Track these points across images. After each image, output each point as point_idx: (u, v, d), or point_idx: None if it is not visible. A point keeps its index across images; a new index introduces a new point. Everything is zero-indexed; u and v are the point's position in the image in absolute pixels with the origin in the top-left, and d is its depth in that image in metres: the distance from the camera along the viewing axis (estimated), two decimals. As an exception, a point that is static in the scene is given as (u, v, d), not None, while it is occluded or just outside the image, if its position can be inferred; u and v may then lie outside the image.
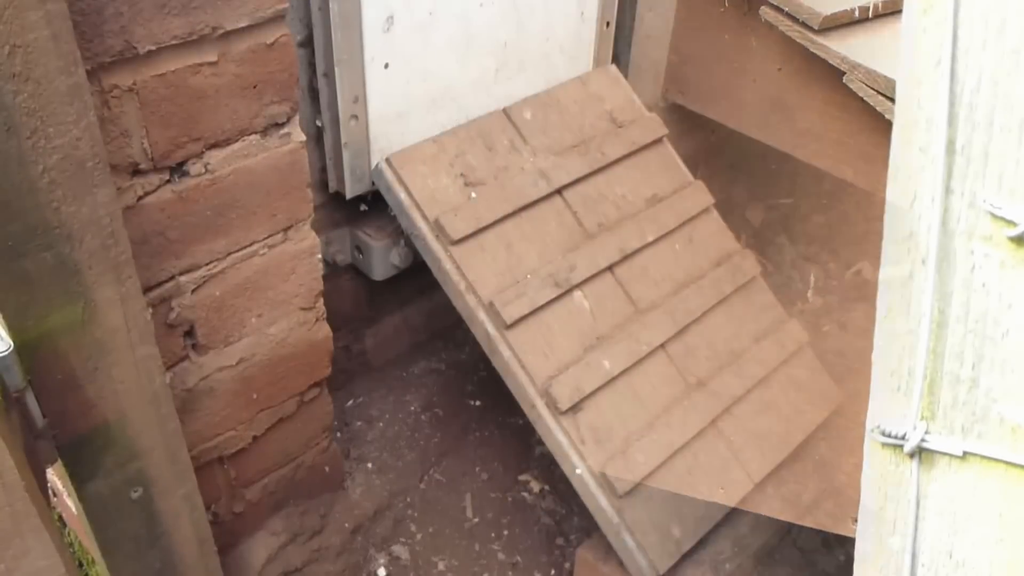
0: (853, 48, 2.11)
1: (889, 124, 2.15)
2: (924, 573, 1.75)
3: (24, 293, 1.01)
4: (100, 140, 1.00)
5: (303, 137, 1.39)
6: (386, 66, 1.70)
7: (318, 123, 1.71)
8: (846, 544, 1.79)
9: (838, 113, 2.15)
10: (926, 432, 1.23)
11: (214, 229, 1.34)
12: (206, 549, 1.44)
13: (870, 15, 2.07)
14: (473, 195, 1.74)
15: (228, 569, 1.63)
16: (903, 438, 1.29)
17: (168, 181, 1.26)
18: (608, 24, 2.11)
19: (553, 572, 1.91)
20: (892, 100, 2.04)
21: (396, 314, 2.16)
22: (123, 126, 1.17)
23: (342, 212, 1.86)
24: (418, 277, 1.96)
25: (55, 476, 1.66)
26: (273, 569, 1.73)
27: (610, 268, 1.81)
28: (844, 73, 2.12)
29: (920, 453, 1.70)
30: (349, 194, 1.77)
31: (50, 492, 1.73)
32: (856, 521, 1.83)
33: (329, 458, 1.80)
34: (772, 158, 2.52)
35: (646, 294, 1.83)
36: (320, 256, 1.52)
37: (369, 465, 1.96)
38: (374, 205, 1.86)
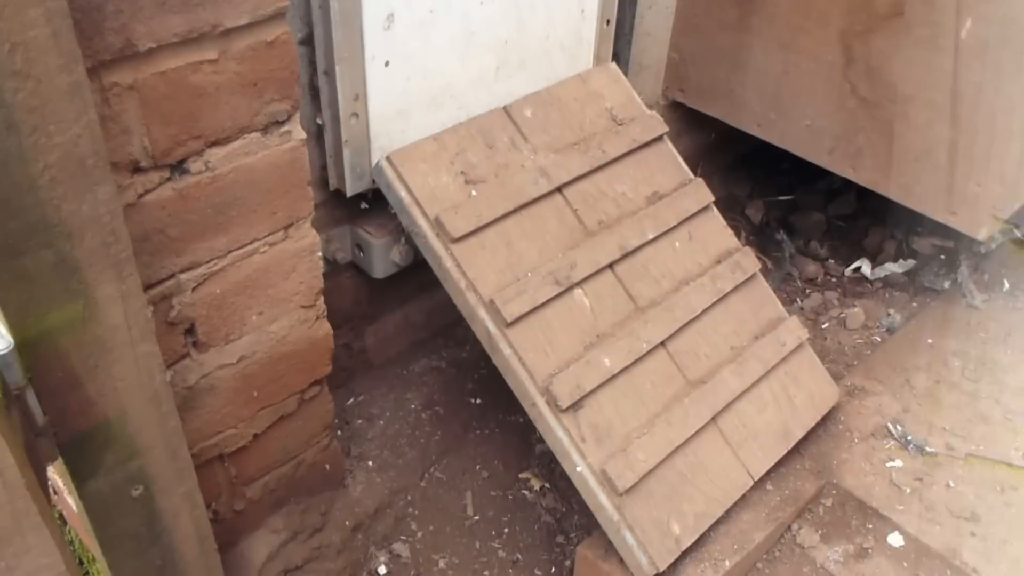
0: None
1: (890, 123, 2.16)
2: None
3: (24, 291, 1.01)
4: (100, 138, 1.00)
5: (303, 135, 1.39)
6: (387, 64, 1.70)
7: (319, 121, 1.71)
8: (847, 541, 1.79)
9: (838, 110, 2.16)
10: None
11: (214, 227, 1.34)
12: (207, 547, 1.44)
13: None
14: (473, 193, 1.74)
15: (229, 567, 1.63)
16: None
17: (169, 179, 1.26)
18: (608, 22, 2.11)
19: (553, 570, 1.91)
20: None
21: (397, 312, 2.16)
22: (123, 124, 1.17)
23: (343, 210, 1.86)
24: (418, 275, 1.96)
25: (55, 474, 1.66)
26: (274, 567, 1.73)
27: (610, 266, 1.81)
28: (844, 70, 2.12)
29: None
30: (350, 192, 1.77)
31: (50, 490, 1.73)
32: (856, 519, 1.85)
33: (330, 456, 1.81)
34: (772, 155, 2.52)
35: (646, 292, 1.83)
36: (320, 254, 1.52)
37: (370, 463, 1.96)
38: (375, 203, 1.86)
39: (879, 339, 2.37)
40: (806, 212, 2.82)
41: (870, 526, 1.81)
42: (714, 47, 2.34)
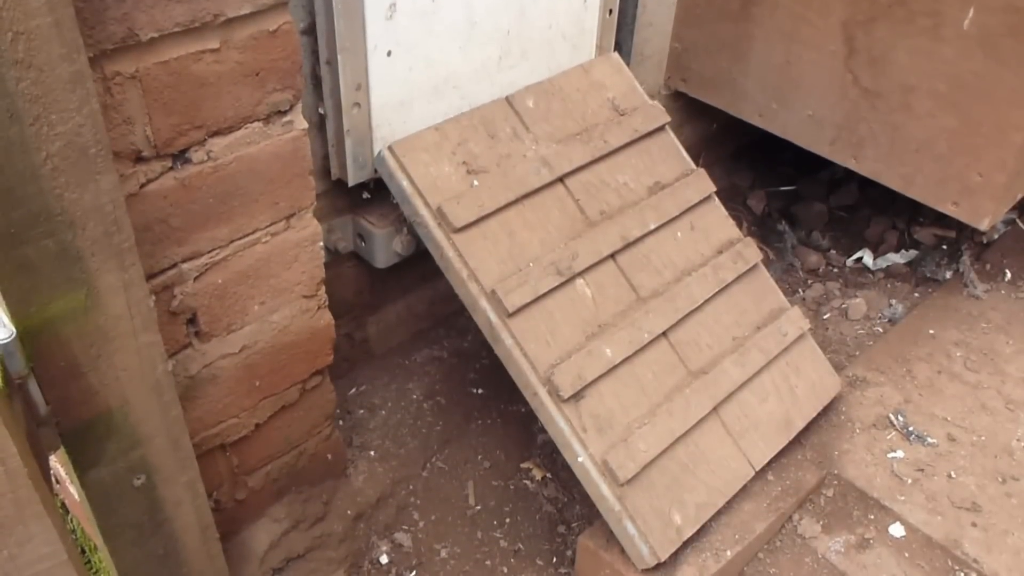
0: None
1: (892, 114, 2.15)
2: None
3: (27, 280, 1.01)
4: (103, 127, 1.00)
5: (305, 125, 1.39)
6: (389, 54, 1.70)
7: (321, 111, 1.70)
8: (848, 531, 1.79)
9: (840, 101, 2.15)
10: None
11: (216, 216, 1.34)
12: (208, 536, 1.45)
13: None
14: (475, 183, 1.74)
15: (230, 556, 1.63)
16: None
17: (171, 168, 1.26)
18: (611, 12, 2.10)
19: (555, 559, 1.92)
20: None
21: (398, 302, 2.16)
22: (126, 113, 1.17)
23: (344, 200, 1.86)
24: (420, 265, 1.96)
25: (58, 463, 1.66)
26: (275, 555, 1.74)
27: (612, 256, 1.80)
28: (846, 60, 2.11)
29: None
30: (351, 182, 1.77)
31: (53, 479, 1.73)
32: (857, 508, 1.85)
33: (331, 446, 1.81)
34: (774, 146, 2.51)
35: (648, 282, 1.83)
36: (322, 244, 1.52)
37: (372, 453, 1.96)
38: (376, 193, 1.86)
39: (881, 329, 2.37)
40: (808, 202, 2.81)
41: (871, 516, 1.82)
42: (716, 37, 2.34)
